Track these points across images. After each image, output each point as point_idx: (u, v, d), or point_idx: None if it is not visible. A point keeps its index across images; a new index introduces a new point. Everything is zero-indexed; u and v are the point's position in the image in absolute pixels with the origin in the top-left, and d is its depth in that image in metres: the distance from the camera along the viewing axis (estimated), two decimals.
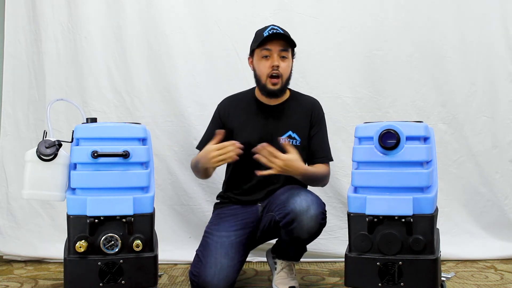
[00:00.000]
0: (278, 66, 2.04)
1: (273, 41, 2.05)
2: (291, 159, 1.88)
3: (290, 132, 2.12)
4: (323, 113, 2.20)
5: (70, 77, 2.75)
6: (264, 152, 1.86)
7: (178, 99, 2.73)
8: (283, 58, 2.07)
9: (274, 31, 2.05)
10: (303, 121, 2.14)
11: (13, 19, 2.77)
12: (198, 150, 2.17)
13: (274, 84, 2.06)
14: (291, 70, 2.13)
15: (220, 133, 1.93)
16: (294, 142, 2.11)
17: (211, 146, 1.91)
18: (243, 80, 2.63)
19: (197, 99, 2.73)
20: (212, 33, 2.74)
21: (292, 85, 2.23)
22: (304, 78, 2.69)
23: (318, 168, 2.10)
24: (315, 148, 2.14)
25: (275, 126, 2.13)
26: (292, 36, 2.07)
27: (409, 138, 1.61)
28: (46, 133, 1.75)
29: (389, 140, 1.60)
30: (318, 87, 2.67)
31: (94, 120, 1.72)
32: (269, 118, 2.14)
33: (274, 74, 2.05)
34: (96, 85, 2.73)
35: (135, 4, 2.74)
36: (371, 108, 2.73)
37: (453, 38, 2.75)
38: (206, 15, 2.74)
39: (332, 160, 2.16)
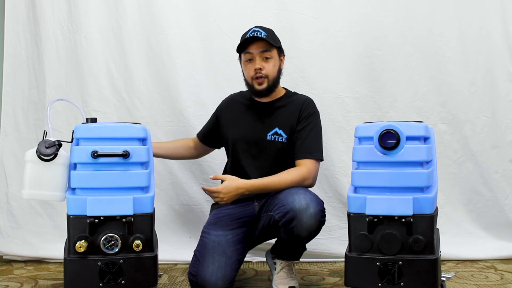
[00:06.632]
0: (260, 69, 2.07)
1: (254, 43, 2.08)
2: (225, 186, 1.98)
3: (276, 129, 2.12)
4: (315, 111, 2.15)
5: (70, 77, 2.75)
6: (207, 193, 2.03)
7: (178, 99, 2.73)
8: (266, 59, 2.09)
9: (255, 33, 2.06)
10: (292, 118, 2.12)
11: (13, 19, 2.77)
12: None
13: (260, 84, 2.09)
14: (279, 68, 2.14)
15: None
16: (280, 138, 2.11)
17: None
18: (242, 80, 2.62)
19: (197, 99, 2.72)
20: (212, 33, 2.74)
21: (292, 85, 2.23)
22: (304, 78, 2.69)
23: (280, 175, 2.02)
24: (296, 144, 2.10)
25: (263, 123, 2.14)
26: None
27: (409, 138, 1.61)
28: (46, 133, 1.75)
29: (389, 140, 1.60)
30: (318, 87, 2.67)
31: (94, 120, 1.72)
32: (258, 115, 2.16)
33: (258, 76, 2.08)
34: (96, 85, 2.73)
35: (135, 4, 2.73)
36: (371, 108, 2.73)
37: (453, 38, 2.74)
38: (206, 15, 2.74)
39: (319, 158, 2.08)
